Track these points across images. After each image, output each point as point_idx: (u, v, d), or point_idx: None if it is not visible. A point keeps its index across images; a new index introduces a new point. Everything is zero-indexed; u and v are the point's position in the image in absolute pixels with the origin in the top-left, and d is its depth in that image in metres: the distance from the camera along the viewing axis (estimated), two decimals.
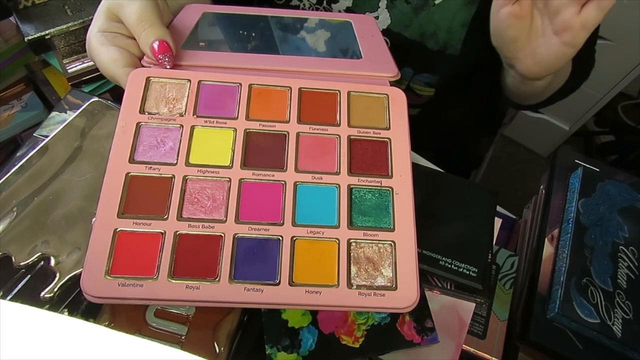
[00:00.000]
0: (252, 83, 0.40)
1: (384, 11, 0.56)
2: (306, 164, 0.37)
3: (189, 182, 0.35)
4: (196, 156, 0.36)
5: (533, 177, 1.48)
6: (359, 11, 0.57)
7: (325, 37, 0.48)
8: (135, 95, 0.38)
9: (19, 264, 0.35)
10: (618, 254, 0.44)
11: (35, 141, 0.43)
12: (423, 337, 0.36)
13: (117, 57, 0.39)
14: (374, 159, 0.38)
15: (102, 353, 0.22)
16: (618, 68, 1.21)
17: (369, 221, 0.35)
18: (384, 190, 0.37)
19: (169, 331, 0.34)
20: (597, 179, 0.48)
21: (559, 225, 0.47)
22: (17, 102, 0.59)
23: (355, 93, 0.40)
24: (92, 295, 0.31)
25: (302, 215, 0.35)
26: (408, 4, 0.55)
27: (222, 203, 0.35)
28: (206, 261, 0.33)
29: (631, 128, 1.54)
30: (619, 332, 0.40)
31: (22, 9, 0.57)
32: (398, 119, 0.39)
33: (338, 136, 0.38)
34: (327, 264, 0.33)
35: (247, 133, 0.38)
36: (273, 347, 0.35)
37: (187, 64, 0.40)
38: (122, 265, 0.32)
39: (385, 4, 0.56)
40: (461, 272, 0.40)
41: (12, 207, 0.37)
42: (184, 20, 0.45)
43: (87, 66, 0.57)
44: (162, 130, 0.37)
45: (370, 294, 0.33)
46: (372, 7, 0.56)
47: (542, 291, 0.43)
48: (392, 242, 0.35)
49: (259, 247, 0.33)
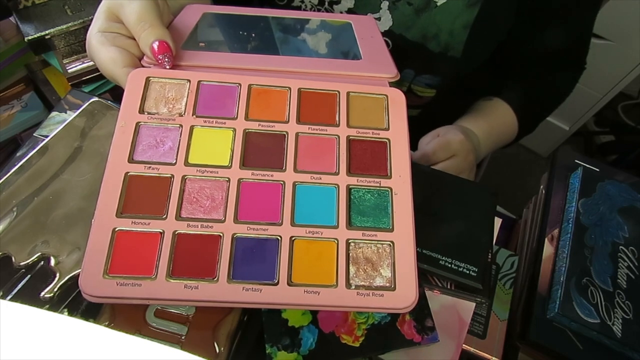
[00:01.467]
0: (252, 83, 0.40)
1: (385, 12, 0.56)
2: (305, 164, 0.37)
3: (188, 182, 0.35)
4: (195, 156, 0.36)
5: (533, 177, 1.48)
6: (361, 12, 0.57)
7: (325, 38, 0.48)
8: (135, 95, 0.38)
9: (19, 264, 0.35)
10: (618, 254, 0.44)
11: (35, 141, 0.43)
12: (423, 336, 0.36)
13: (117, 57, 0.39)
14: (373, 160, 0.38)
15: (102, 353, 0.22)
16: (618, 68, 1.21)
17: (367, 221, 0.35)
18: (383, 190, 0.37)
19: (169, 331, 0.34)
20: (597, 179, 0.48)
21: (559, 225, 0.47)
22: (17, 102, 0.59)
23: (355, 94, 0.40)
24: (90, 294, 0.31)
25: (301, 215, 0.35)
26: (410, 6, 0.55)
27: (221, 203, 0.35)
28: (205, 261, 0.33)
29: (631, 128, 1.54)
30: (619, 332, 0.40)
31: (22, 9, 0.57)
32: (397, 120, 0.39)
33: (337, 136, 0.38)
34: (326, 264, 0.33)
35: (246, 133, 0.38)
36: (273, 347, 0.35)
37: (187, 64, 0.40)
38: (120, 265, 0.32)
39: (387, 6, 0.56)
40: (461, 272, 0.40)
41: (12, 207, 0.37)
42: (184, 20, 0.45)
43: (87, 66, 0.57)
44: (162, 130, 0.37)
45: (368, 294, 0.33)
46: (373, 9, 0.56)
47: (542, 291, 0.43)
48: (391, 243, 0.35)
49: (257, 247, 0.33)
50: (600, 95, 1.30)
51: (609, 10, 1.08)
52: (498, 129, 0.65)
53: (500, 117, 0.65)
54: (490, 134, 0.63)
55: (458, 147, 0.55)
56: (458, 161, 0.54)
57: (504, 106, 0.65)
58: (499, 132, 0.65)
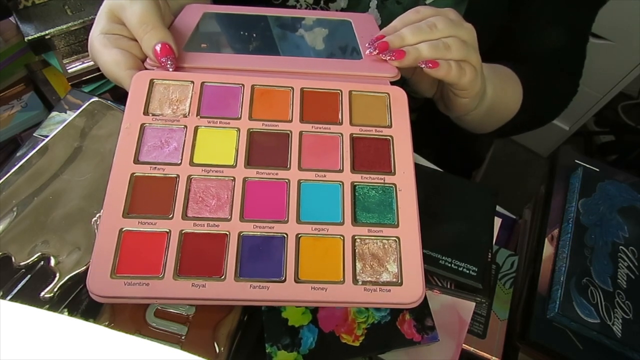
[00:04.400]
0: (255, 84, 0.40)
1: (374, 11, 0.56)
2: (309, 162, 0.37)
3: (194, 182, 0.35)
4: (200, 156, 0.36)
5: (533, 177, 1.47)
6: (352, 11, 0.57)
7: (325, 38, 0.48)
8: (139, 97, 0.38)
9: (19, 264, 0.35)
10: (618, 254, 0.44)
11: (35, 141, 0.43)
12: (423, 335, 0.36)
13: (120, 60, 0.39)
14: (377, 157, 0.38)
15: (102, 353, 0.22)
16: (618, 68, 1.21)
17: (373, 217, 0.36)
18: (387, 187, 0.37)
19: (169, 331, 0.34)
20: (597, 179, 0.48)
21: (559, 225, 0.47)
22: (17, 102, 0.59)
23: (357, 92, 0.41)
24: (98, 295, 0.31)
25: (307, 213, 0.35)
26: (399, 5, 0.55)
27: (226, 202, 0.35)
28: (212, 259, 0.33)
29: (631, 128, 1.54)
30: (619, 332, 0.40)
31: (22, 9, 0.57)
32: (399, 117, 0.40)
33: (340, 134, 0.39)
34: (332, 261, 0.34)
35: (251, 133, 0.38)
36: (273, 346, 0.35)
37: (190, 66, 0.40)
38: (127, 265, 0.32)
39: (375, 4, 0.55)
40: (461, 272, 0.40)
41: (12, 207, 0.37)
42: (185, 20, 0.45)
43: (87, 66, 0.57)
44: (166, 131, 0.37)
45: (375, 290, 0.33)
46: (363, 8, 0.56)
47: (542, 291, 0.43)
48: (397, 238, 0.35)
49: (264, 245, 0.34)
50: (600, 95, 1.30)
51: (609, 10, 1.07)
52: (503, 71, 0.56)
53: (504, 69, 0.57)
54: (494, 70, 0.53)
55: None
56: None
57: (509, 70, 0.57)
58: (503, 75, 0.56)
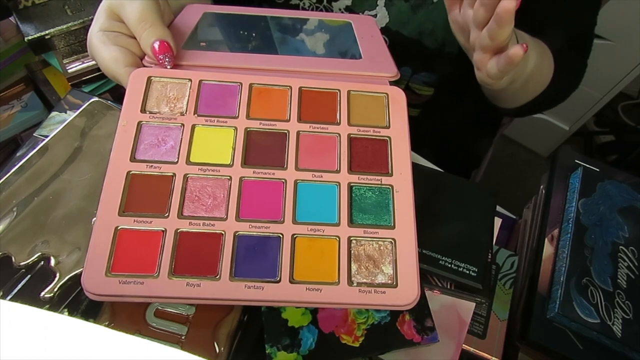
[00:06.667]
0: (253, 82, 0.40)
1: (382, 9, 0.56)
2: (306, 162, 0.37)
3: (190, 180, 0.35)
4: (197, 155, 0.36)
5: (533, 177, 1.47)
6: (358, 10, 0.57)
7: (325, 38, 0.48)
8: (137, 95, 0.38)
9: (19, 264, 0.35)
10: (618, 254, 0.44)
11: (35, 141, 0.43)
12: (423, 336, 0.36)
13: (119, 57, 0.39)
14: (374, 157, 0.38)
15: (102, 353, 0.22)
16: (618, 68, 1.21)
17: (369, 219, 0.35)
18: (384, 188, 0.37)
19: (169, 331, 0.34)
20: (597, 179, 0.48)
21: (559, 225, 0.47)
22: (17, 102, 0.59)
23: (355, 92, 0.40)
24: (93, 293, 0.31)
25: (303, 213, 0.35)
26: (406, 2, 0.55)
27: (222, 201, 0.35)
28: (207, 259, 0.33)
29: (631, 128, 1.54)
30: (619, 332, 0.40)
31: (22, 9, 0.57)
32: (398, 118, 0.40)
33: (338, 135, 0.38)
34: (328, 262, 0.34)
35: (248, 132, 0.38)
36: (273, 347, 0.35)
37: (188, 64, 0.40)
38: (123, 263, 0.32)
39: (383, 2, 0.56)
40: (461, 272, 0.40)
41: (12, 207, 0.37)
42: (185, 20, 0.45)
43: (87, 66, 0.57)
44: (163, 129, 0.37)
45: (370, 291, 0.33)
46: (370, 6, 0.56)
47: (542, 291, 0.43)
48: (393, 240, 0.35)
49: (259, 245, 0.34)
50: (600, 95, 1.30)
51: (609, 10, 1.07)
52: (541, 43, 0.54)
53: (540, 41, 0.54)
54: (536, 41, 0.52)
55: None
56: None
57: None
58: (542, 46, 0.54)
